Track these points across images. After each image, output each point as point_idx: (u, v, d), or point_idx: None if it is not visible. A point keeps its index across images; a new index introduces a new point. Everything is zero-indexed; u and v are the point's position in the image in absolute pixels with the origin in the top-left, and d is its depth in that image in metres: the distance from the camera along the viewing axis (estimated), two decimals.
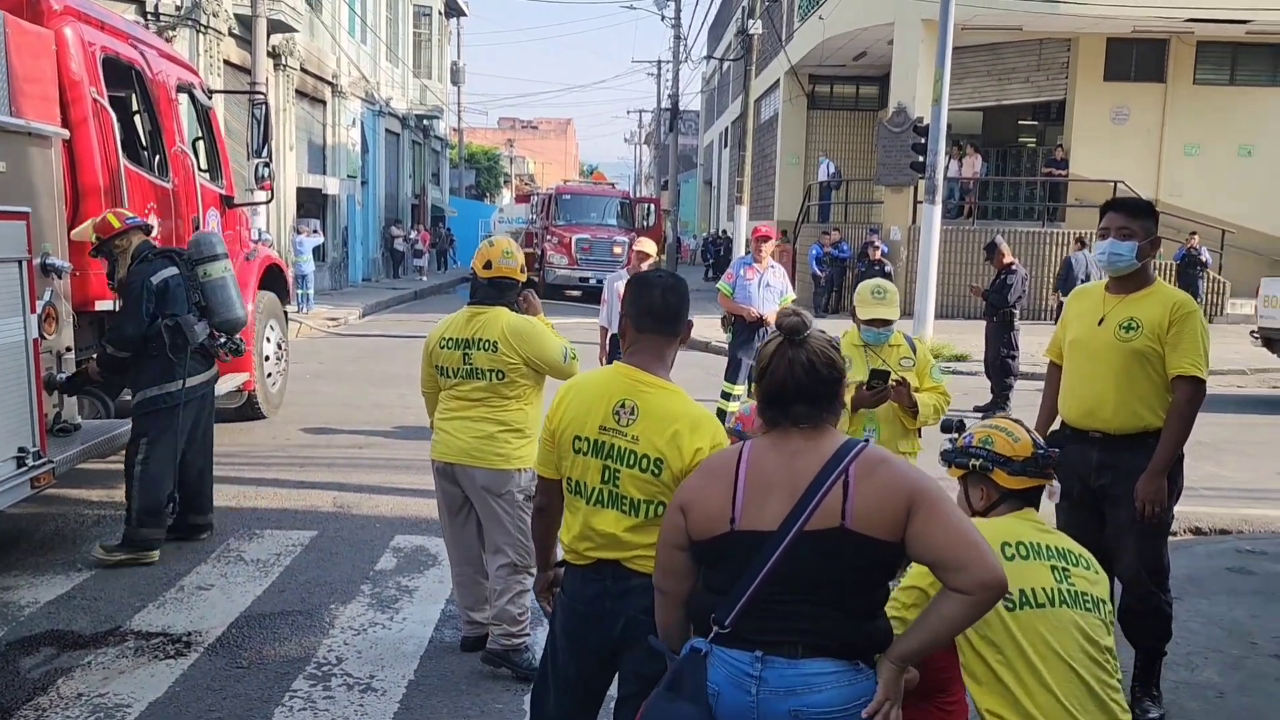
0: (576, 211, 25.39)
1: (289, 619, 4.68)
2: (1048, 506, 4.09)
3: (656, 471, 2.59)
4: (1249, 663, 4.46)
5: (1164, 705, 3.94)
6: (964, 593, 2.02)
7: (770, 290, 8.38)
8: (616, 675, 2.77)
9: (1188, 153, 21.80)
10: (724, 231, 35.47)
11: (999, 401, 10.40)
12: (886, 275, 17.36)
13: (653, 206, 29.51)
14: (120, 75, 6.71)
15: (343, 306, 20.03)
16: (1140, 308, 3.78)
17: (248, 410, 8.65)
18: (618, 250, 22.92)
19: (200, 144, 7.88)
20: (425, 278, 30.16)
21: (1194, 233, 19.01)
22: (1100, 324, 3.85)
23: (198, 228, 7.31)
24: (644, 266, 8.04)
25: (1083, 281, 14.06)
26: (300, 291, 18.73)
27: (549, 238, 24.68)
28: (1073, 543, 2.80)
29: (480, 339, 4.13)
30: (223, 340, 5.79)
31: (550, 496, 2.83)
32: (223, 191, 8.09)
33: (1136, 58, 21.88)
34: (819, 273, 20.58)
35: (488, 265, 4.26)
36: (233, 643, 4.40)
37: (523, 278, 4.32)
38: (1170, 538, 6.24)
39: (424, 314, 19.63)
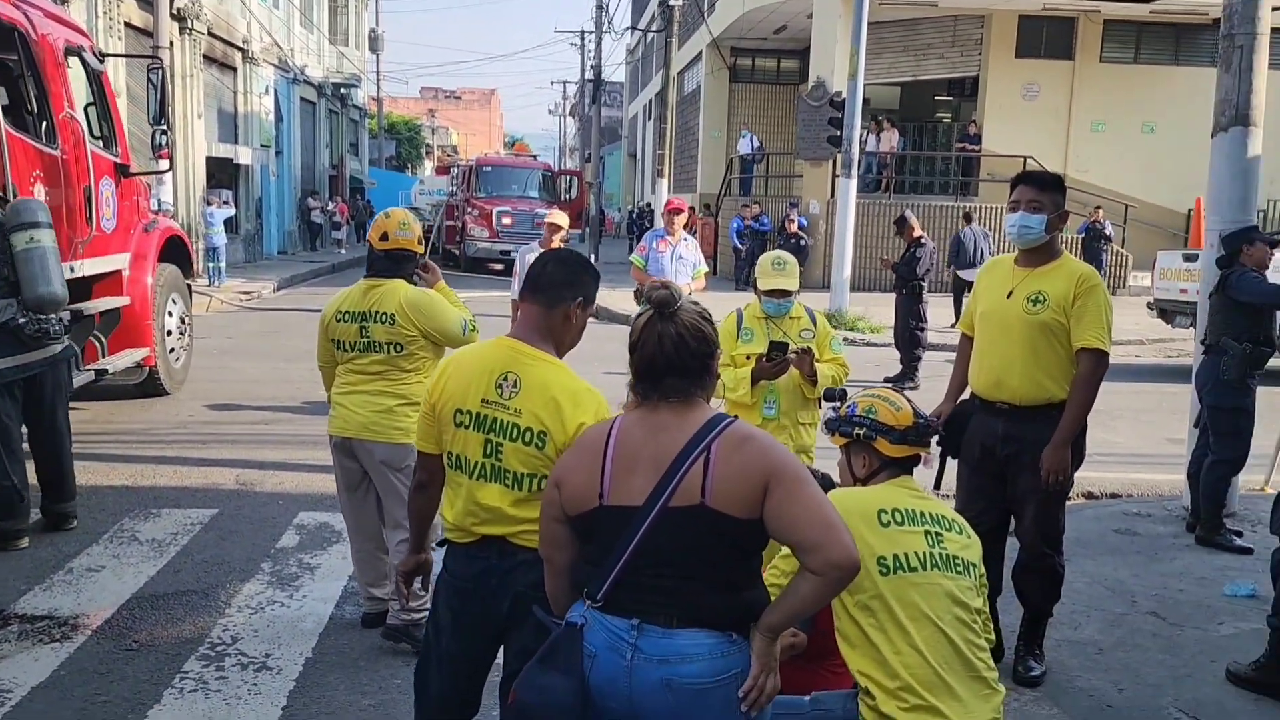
0: (498, 184, 25.10)
1: (183, 599, 4.58)
2: (950, 476, 4.23)
3: (540, 444, 2.58)
4: (1128, 620, 4.66)
5: (1046, 662, 4.09)
6: (817, 573, 2.06)
7: (683, 263, 8.38)
8: (501, 652, 2.76)
9: (1094, 129, 22.43)
10: (648, 204, 35.48)
11: (908, 372, 10.62)
12: (802, 249, 17.58)
13: (575, 179, 29.35)
14: (2, 37, 6.42)
15: (257, 280, 19.56)
16: (1047, 281, 3.86)
17: (149, 386, 8.42)
18: (539, 223, 22.72)
19: (92, 110, 7.58)
20: (344, 250, 29.59)
21: (1098, 207, 19.57)
22: (1009, 297, 3.92)
23: (90, 198, 7.06)
24: (555, 239, 8.00)
25: (975, 256, 14.45)
26: (211, 264, 18.23)
27: (469, 210, 24.36)
28: (946, 508, 2.88)
29: (377, 311, 4.07)
30: (24, 320, 5.22)
31: (430, 472, 2.79)
32: (117, 160, 7.81)
33: (1047, 35, 22.39)
34: (739, 246, 20.71)
35: (384, 237, 4.20)
36: (122, 625, 4.30)
37: (420, 249, 4.27)
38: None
39: (341, 287, 19.06)
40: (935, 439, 4.13)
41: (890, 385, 10.29)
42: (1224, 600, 4.94)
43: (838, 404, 3.05)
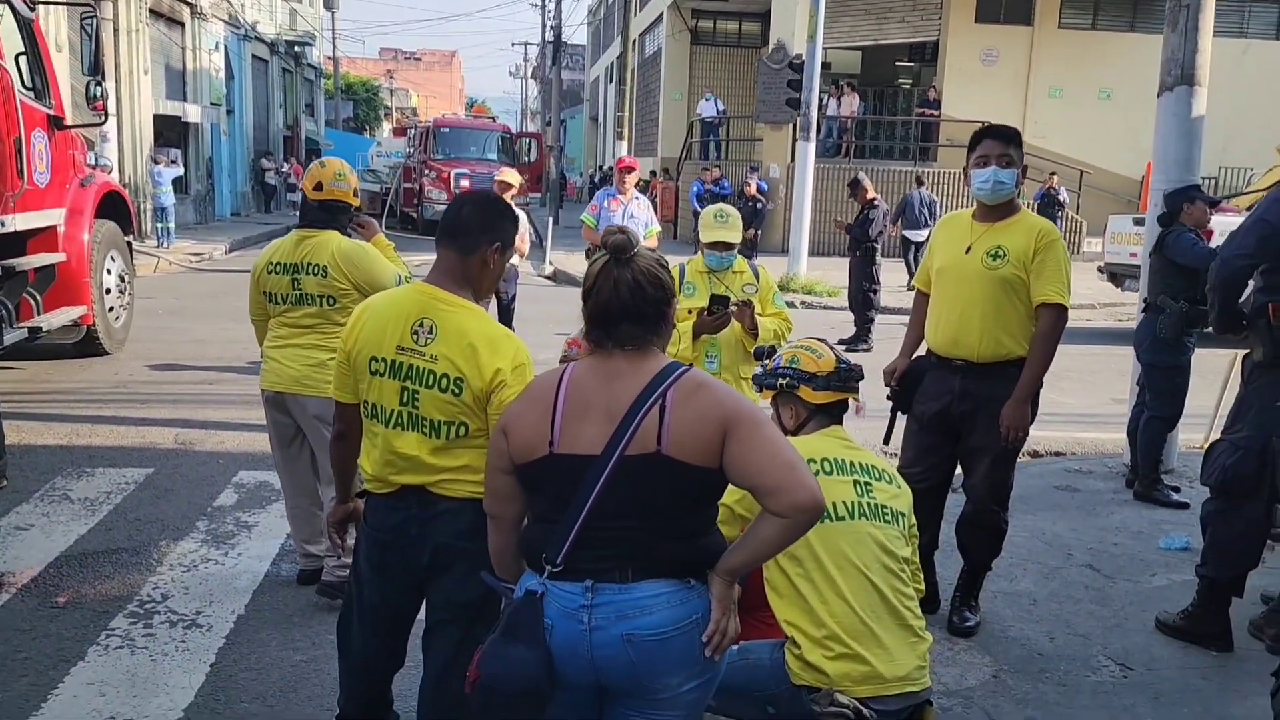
0: (456, 145, 24.75)
1: (113, 557, 4.49)
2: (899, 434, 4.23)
3: (457, 391, 2.52)
4: (1063, 573, 4.71)
5: (981, 614, 4.13)
6: (780, 516, 2.02)
7: (635, 222, 8.31)
8: (425, 604, 2.72)
9: (1052, 95, 22.54)
10: (609, 168, 35.21)
11: (861, 334, 10.66)
12: (760, 212, 17.55)
13: (535, 141, 29.03)
14: None
15: (207, 241, 19.18)
16: (1006, 236, 3.82)
17: (87, 346, 8.23)
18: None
19: (23, 59, 7.32)
20: (299, 212, 29.09)
21: (1053, 173, 19.70)
22: (968, 252, 3.88)
23: (20, 151, 6.84)
24: (506, 199, 7.89)
25: (920, 218, 14.45)
26: (160, 225, 17.84)
27: (427, 172, 24.01)
28: (877, 458, 2.87)
29: (310, 263, 3.98)
30: None
31: (348, 422, 2.73)
32: (51, 112, 7.57)
33: (1006, 0, 22.40)
34: (700, 210, 20.63)
35: (318, 187, 4.10)
36: (49, 583, 4.21)
37: (356, 201, 4.17)
38: None
39: None
40: (888, 394, 4.18)
41: (844, 347, 10.36)
42: (1158, 553, 5.02)
43: (765, 361, 3.04)
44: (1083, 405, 8.44)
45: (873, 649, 2.57)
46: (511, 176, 8.15)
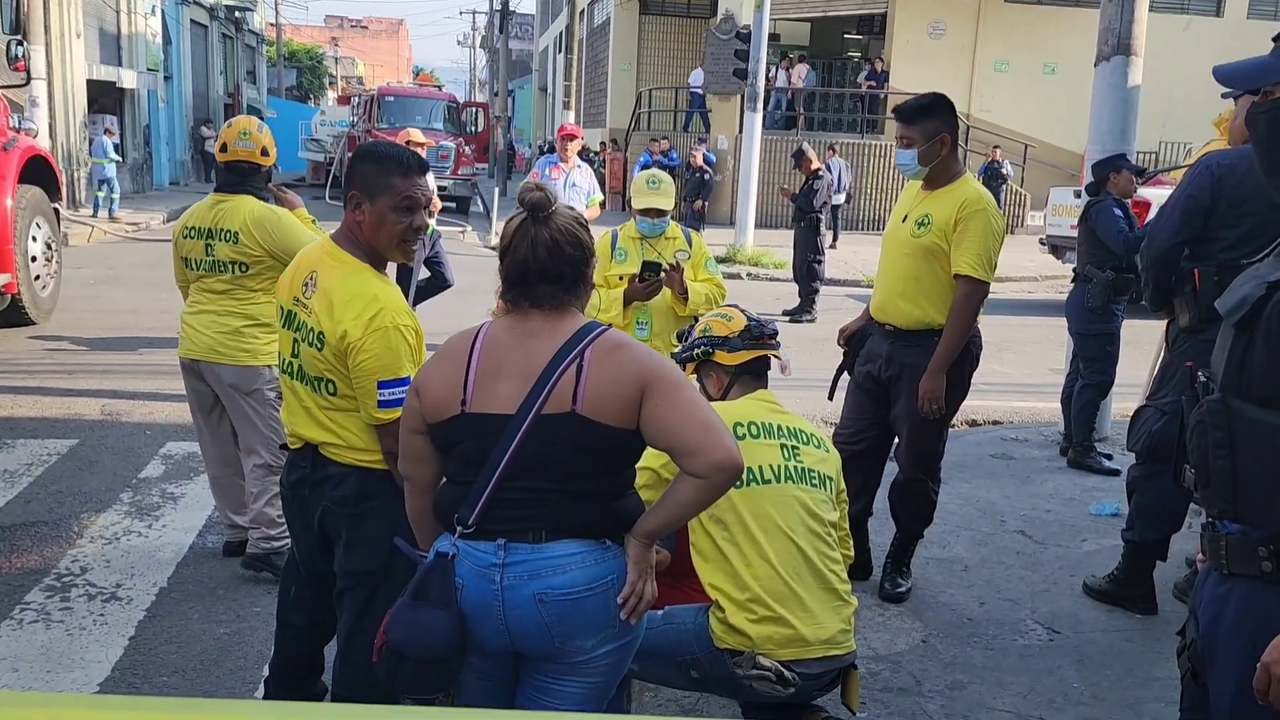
0: (400, 114, 24.25)
1: (31, 530, 4.36)
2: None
3: (319, 346, 2.49)
4: (995, 539, 4.76)
5: (912, 580, 4.16)
6: (699, 476, 1.99)
7: (576, 190, 8.23)
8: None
9: (998, 69, 22.70)
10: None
11: (805, 305, 10.68)
12: (707, 183, 17.51)
13: (481, 111, 28.63)
14: None
15: (144, 211, 18.66)
16: (936, 204, 3.81)
17: (12, 315, 7.99)
18: (444, 156, 22.16)
19: None
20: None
21: (996, 146, 19.87)
22: (904, 220, 3.89)
23: None
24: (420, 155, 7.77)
25: (836, 184, 14.38)
26: (101, 194, 17.33)
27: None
28: (805, 423, 2.86)
29: (222, 229, 3.86)
30: None
31: None
32: None
33: None
34: None
35: (224, 148, 3.98)
36: None
37: (267, 162, 4.03)
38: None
39: None
40: (843, 354, 4.18)
41: (788, 318, 10.40)
42: (1089, 519, 5.09)
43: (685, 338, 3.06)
44: (1021, 375, 8.55)
45: (796, 612, 2.55)
46: (417, 135, 7.97)
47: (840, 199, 15.40)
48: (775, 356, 2.88)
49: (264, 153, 3.99)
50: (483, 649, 2.09)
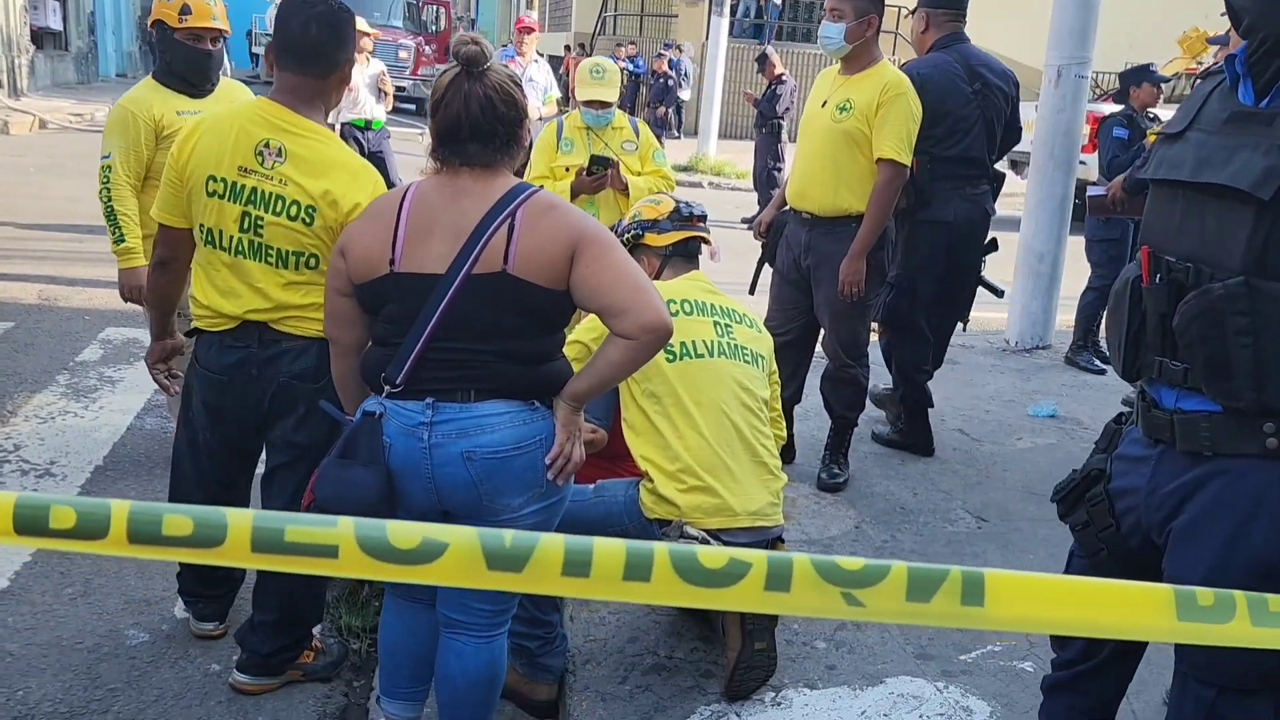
0: (356, 7, 23.35)
1: None
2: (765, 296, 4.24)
3: (308, 220, 2.38)
4: (935, 437, 4.84)
5: (850, 472, 4.23)
6: (628, 337, 1.99)
7: (533, 85, 8.03)
8: (264, 448, 2.63)
9: None
10: None
11: None
12: (670, 90, 17.24)
13: (443, 10, 27.80)
14: None
15: (89, 101, 18.05)
16: (856, 89, 3.78)
17: None
18: (403, 55, 21.56)
19: None
20: None
21: None
22: (823, 106, 3.86)
23: None
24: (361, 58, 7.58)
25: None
26: None
27: None
28: (739, 304, 2.87)
29: None
30: None
31: (176, 249, 2.53)
32: None
33: None
34: None
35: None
36: None
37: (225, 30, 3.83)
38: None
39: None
40: (761, 248, 4.18)
41: (745, 225, 10.36)
42: (1026, 420, 5.19)
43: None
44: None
45: (726, 482, 2.59)
46: (361, 25, 7.75)
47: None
48: (705, 240, 2.88)
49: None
50: (410, 507, 2.10)
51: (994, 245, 4.63)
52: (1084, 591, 1.35)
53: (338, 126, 7.59)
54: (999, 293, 4.78)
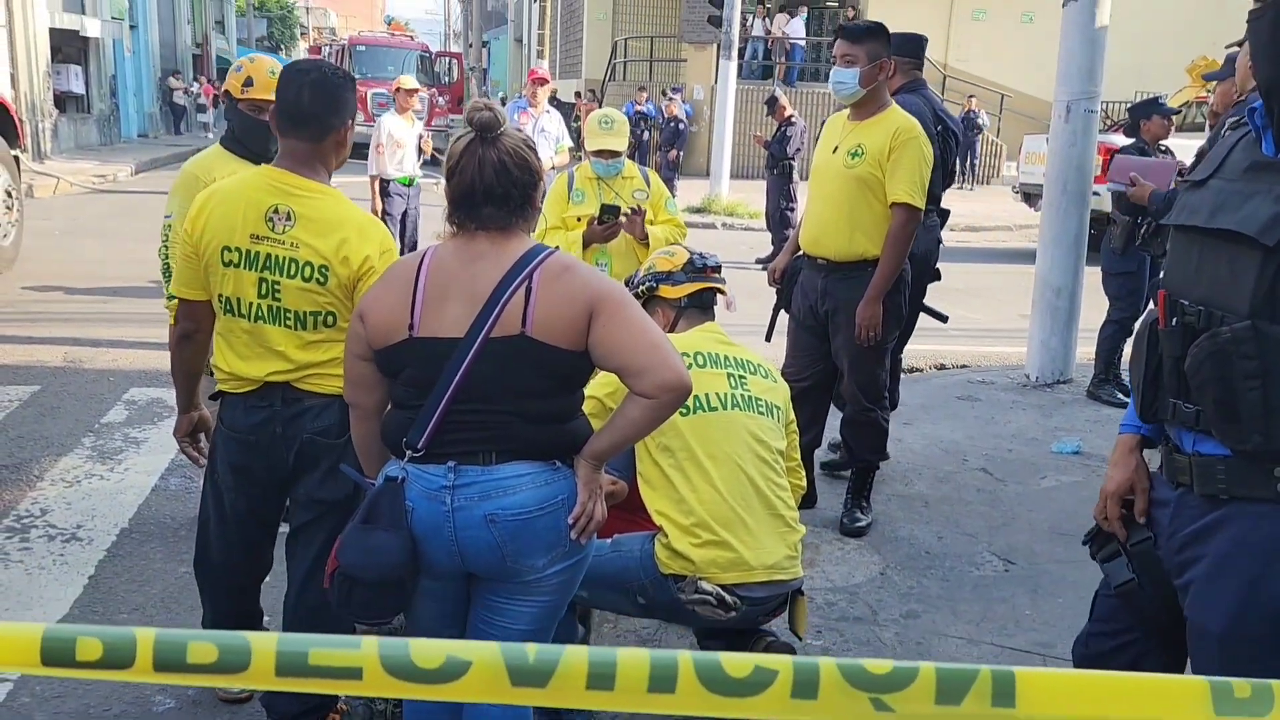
0: (372, 64, 23.95)
1: None
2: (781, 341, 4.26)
3: (322, 280, 2.43)
4: (957, 477, 4.82)
5: (873, 515, 4.20)
6: (646, 396, 2.00)
7: (545, 136, 8.16)
8: (288, 507, 2.65)
9: (975, 17, 22.54)
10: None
11: (779, 253, 10.66)
12: (681, 133, 17.38)
13: (455, 62, 28.26)
14: None
15: (111, 163, 18.37)
16: (867, 134, 3.82)
17: None
18: (418, 106, 21.88)
19: None
20: (211, 134, 28.00)
21: (972, 96, 19.81)
22: (834, 151, 3.89)
23: None
24: (412, 101, 7.77)
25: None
26: None
27: None
28: (753, 354, 2.87)
29: None
30: None
31: (198, 320, 2.58)
32: None
33: None
34: (632, 132, 20.33)
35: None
36: None
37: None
38: (915, 372, 6.67)
39: None
40: (776, 294, 4.20)
41: (760, 265, 10.39)
42: (1050, 457, 5.15)
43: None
44: (990, 321, 8.60)
45: (741, 536, 2.58)
46: (410, 81, 7.96)
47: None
48: (720, 291, 2.89)
49: None
50: (434, 571, 2.10)
51: (938, 275, 4.70)
52: (1116, 686, 1.32)
53: (377, 183, 7.73)
54: (943, 318, 4.76)
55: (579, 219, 4.18)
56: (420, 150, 7.99)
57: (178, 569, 3.62)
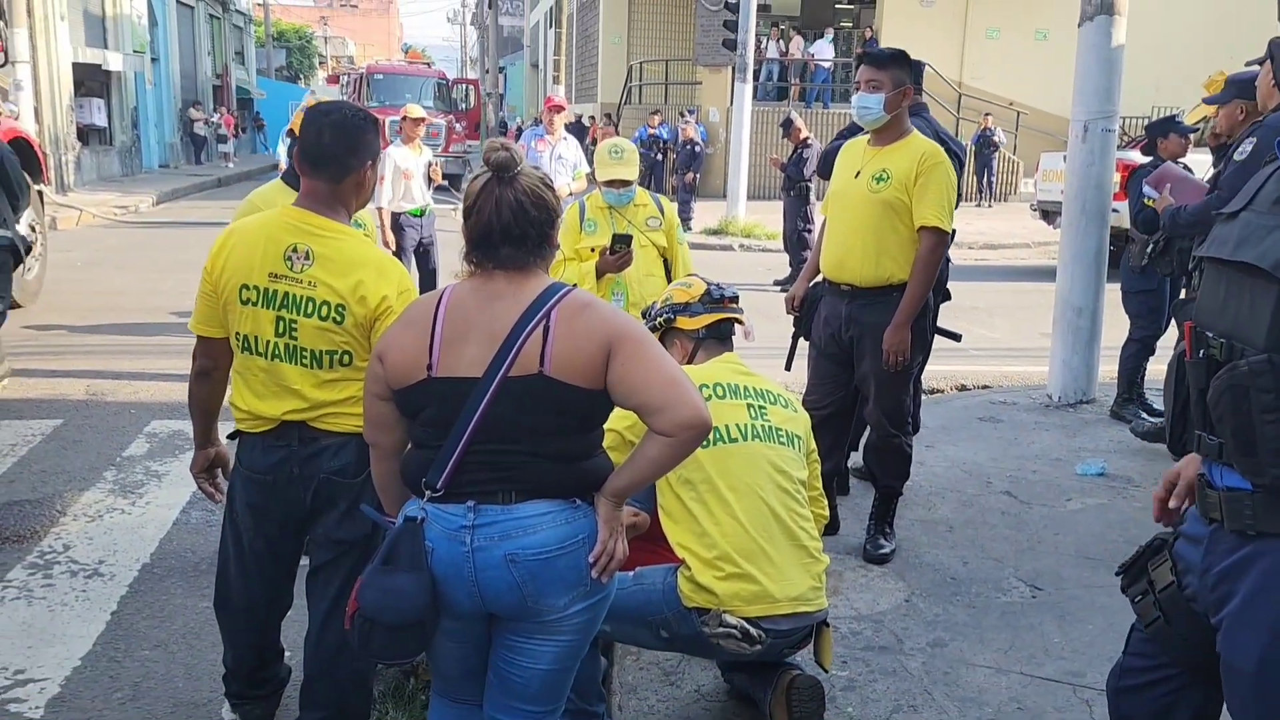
0: (390, 92, 24.12)
1: (15, 510, 4.35)
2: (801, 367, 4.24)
3: (338, 319, 2.43)
4: (981, 500, 4.76)
5: (897, 541, 4.16)
6: (666, 434, 1.98)
7: (563, 163, 8.19)
8: (307, 546, 2.64)
9: (989, 36, 22.52)
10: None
11: (797, 274, 10.64)
12: (697, 155, 17.42)
13: (472, 88, 28.48)
14: None
15: (133, 194, 18.59)
16: (892, 159, 3.80)
17: None
18: (435, 134, 22.03)
19: None
20: (232, 164, 28.31)
21: (988, 114, 19.78)
22: (857, 176, 3.87)
23: None
24: (419, 131, 7.77)
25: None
26: None
27: None
28: (772, 384, 2.86)
29: None
30: None
31: (214, 358, 2.58)
32: None
33: None
34: (646, 154, 20.42)
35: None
36: None
37: None
38: (935, 393, 6.62)
39: (226, 200, 18.45)
40: (793, 321, 4.18)
41: (778, 287, 10.37)
42: (1075, 479, 5.08)
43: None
44: (1011, 340, 8.54)
45: (764, 568, 2.55)
46: (417, 111, 7.91)
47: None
48: (737, 321, 2.88)
49: None
50: (455, 611, 2.09)
51: (948, 295, 4.63)
52: None
53: (387, 216, 7.63)
54: (957, 337, 4.68)
55: (592, 249, 4.18)
56: (429, 179, 7.94)
57: (199, 604, 3.62)
